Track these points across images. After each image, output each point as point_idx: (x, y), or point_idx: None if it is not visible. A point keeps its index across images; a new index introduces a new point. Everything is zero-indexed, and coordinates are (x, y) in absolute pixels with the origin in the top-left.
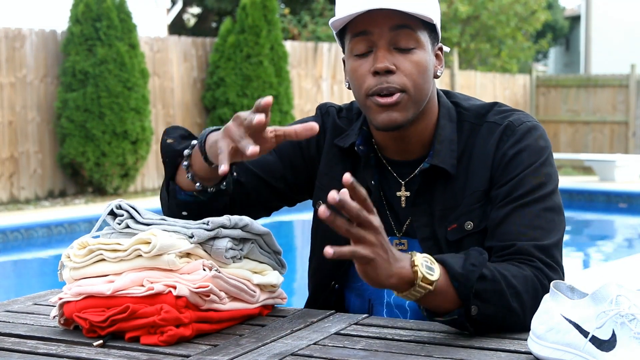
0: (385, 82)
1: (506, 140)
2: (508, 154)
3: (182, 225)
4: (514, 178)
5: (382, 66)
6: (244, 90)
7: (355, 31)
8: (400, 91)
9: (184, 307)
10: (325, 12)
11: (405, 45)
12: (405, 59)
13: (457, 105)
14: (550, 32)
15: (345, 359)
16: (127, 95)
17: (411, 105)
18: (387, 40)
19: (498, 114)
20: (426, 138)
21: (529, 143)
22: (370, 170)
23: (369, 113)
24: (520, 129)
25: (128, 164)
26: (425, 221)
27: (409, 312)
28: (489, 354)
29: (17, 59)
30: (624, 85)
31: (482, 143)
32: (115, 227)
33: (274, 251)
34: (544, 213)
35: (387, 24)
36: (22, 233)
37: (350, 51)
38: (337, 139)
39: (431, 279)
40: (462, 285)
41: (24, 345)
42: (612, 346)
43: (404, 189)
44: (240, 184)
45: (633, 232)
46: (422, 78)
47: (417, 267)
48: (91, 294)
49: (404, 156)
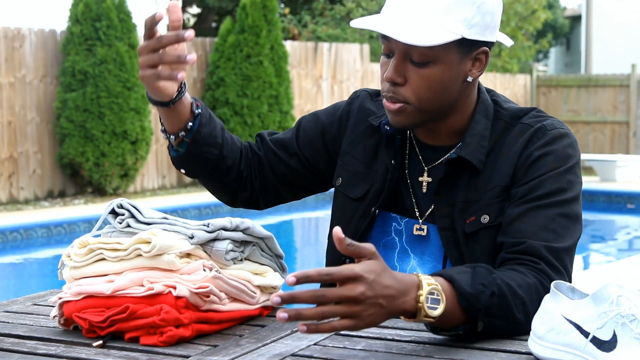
0: (391, 92)
1: (535, 142)
2: (534, 155)
3: (182, 225)
4: (535, 179)
5: (388, 77)
6: (244, 90)
7: (382, 34)
8: (404, 102)
9: (184, 308)
10: (325, 12)
11: (418, 60)
12: (417, 72)
13: (496, 103)
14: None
15: (345, 359)
16: (127, 95)
17: (416, 114)
18: (402, 52)
19: (534, 117)
20: (457, 129)
21: (556, 148)
22: (391, 150)
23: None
24: (551, 133)
25: (128, 164)
26: (446, 211)
27: None
28: (489, 354)
29: (17, 58)
30: (625, 85)
31: (511, 142)
32: (116, 226)
33: (276, 255)
34: (560, 218)
35: None
36: (22, 233)
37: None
38: (371, 117)
39: (433, 315)
40: (471, 305)
41: (23, 346)
42: (612, 347)
43: (426, 175)
44: (256, 155)
45: (634, 233)
46: (432, 92)
47: (421, 304)
48: (91, 294)
49: (433, 141)
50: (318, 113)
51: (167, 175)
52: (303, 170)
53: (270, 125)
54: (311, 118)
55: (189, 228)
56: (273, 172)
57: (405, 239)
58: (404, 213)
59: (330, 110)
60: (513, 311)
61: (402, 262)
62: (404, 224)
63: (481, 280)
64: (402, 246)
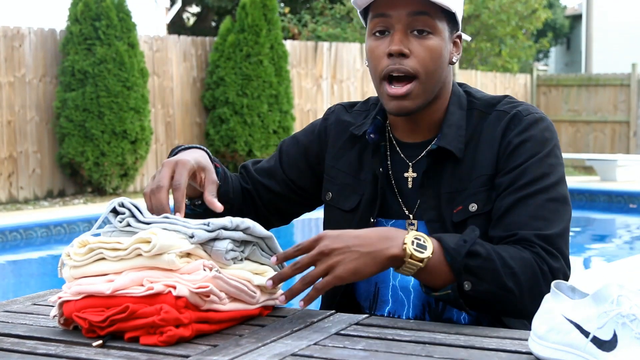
0: (398, 64)
1: (512, 129)
2: (513, 142)
3: (182, 225)
4: (518, 167)
5: (396, 48)
6: (244, 89)
7: (376, 12)
8: (412, 78)
9: (184, 308)
10: (325, 11)
11: (423, 28)
12: (420, 44)
13: (468, 94)
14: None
15: (345, 359)
16: (127, 94)
17: (421, 93)
18: (404, 24)
19: (507, 103)
20: (435, 121)
21: (534, 133)
22: (378, 157)
23: (381, 98)
24: (527, 119)
25: (127, 163)
26: (432, 203)
27: (412, 293)
28: (490, 354)
29: (16, 58)
30: (625, 84)
31: (489, 130)
32: (116, 225)
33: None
34: (548, 204)
35: (406, 9)
36: (21, 233)
37: (370, 30)
38: (352, 127)
39: (420, 257)
40: (454, 259)
41: (23, 346)
42: (613, 346)
43: (411, 170)
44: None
45: (634, 233)
46: (435, 64)
47: (406, 244)
48: (91, 293)
49: (413, 138)
50: (297, 135)
51: None
52: (290, 194)
53: (270, 124)
54: (291, 141)
55: (189, 227)
56: (262, 201)
57: None
58: (390, 215)
59: (308, 130)
60: (502, 277)
61: None
62: (390, 226)
63: (464, 237)
64: None
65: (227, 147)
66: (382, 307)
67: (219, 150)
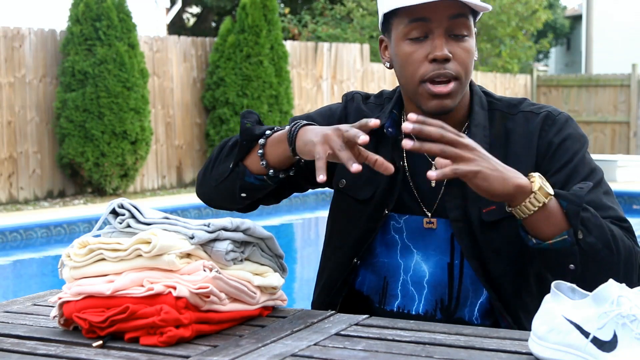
0: (442, 69)
1: (548, 130)
2: (554, 142)
3: (183, 226)
4: (565, 166)
5: (442, 54)
6: (244, 90)
7: (414, 16)
8: (454, 79)
9: (184, 308)
10: (325, 11)
11: (459, 33)
12: (459, 46)
13: (487, 95)
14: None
15: (345, 359)
16: (127, 95)
17: (460, 93)
18: (445, 28)
19: (531, 105)
20: (457, 120)
21: (571, 132)
22: (399, 151)
23: (419, 98)
24: (559, 118)
25: (127, 164)
26: (458, 202)
27: (426, 288)
28: (490, 354)
29: (16, 58)
30: (626, 85)
31: (520, 130)
32: (116, 226)
33: (276, 255)
34: (605, 196)
35: (446, 13)
36: (21, 233)
37: (404, 35)
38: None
39: (548, 191)
40: (572, 203)
41: (23, 346)
42: (613, 347)
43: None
44: None
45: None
46: (472, 64)
47: (535, 178)
48: (91, 294)
49: None
50: (311, 115)
51: (167, 175)
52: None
53: (271, 125)
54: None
55: (189, 228)
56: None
57: (406, 235)
58: (404, 210)
59: (325, 113)
60: (607, 235)
61: (405, 258)
62: (403, 222)
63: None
64: (404, 243)
65: None
66: (391, 301)
67: None
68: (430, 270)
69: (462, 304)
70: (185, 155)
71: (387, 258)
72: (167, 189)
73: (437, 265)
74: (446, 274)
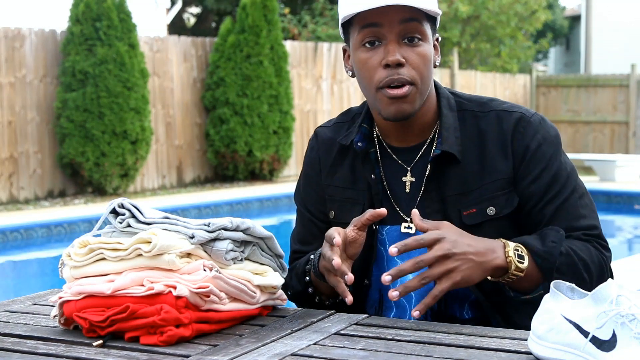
0: (396, 74)
1: (523, 132)
2: (531, 147)
3: (183, 225)
4: (543, 172)
5: (394, 59)
6: (244, 90)
7: (365, 22)
8: (409, 84)
9: (184, 308)
10: (325, 11)
11: (412, 38)
12: (413, 51)
13: (455, 95)
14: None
15: (345, 359)
16: (127, 95)
17: (418, 97)
18: (397, 33)
19: (501, 104)
20: (426, 124)
21: (545, 134)
22: (369, 165)
23: (378, 104)
24: (533, 120)
25: (128, 164)
26: (436, 207)
27: (413, 297)
28: (489, 354)
29: (17, 58)
30: (625, 85)
31: (493, 130)
32: (116, 225)
33: (276, 254)
34: (580, 201)
35: (397, 17)
36: (22, 233)
37: (359, 42)
38: (339, 138)
39: (522, 267)
40: (546, 261)
41: (23, 345)
42: (612, 346)
43: (410, 175)
44: None
45: (633, 233)
46: (427, 69)
47: (510, 258)
48: (91, 293)
49: (405, 142)
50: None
51: (167, 175)
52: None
53: (270, 125)
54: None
55: (189, 228)
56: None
57: (389, 246)
58: (384, 222)
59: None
60: (580, 270)
61: (391, 268)
62: (386, 233)
63: (551, 239)
64: (388, 255)
65: (227, 148)
66: (387, 313)
67: (219, 150)
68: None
69: (450, 304)
70: (185, 155)
71: (377, 271)
72: (167, 189)
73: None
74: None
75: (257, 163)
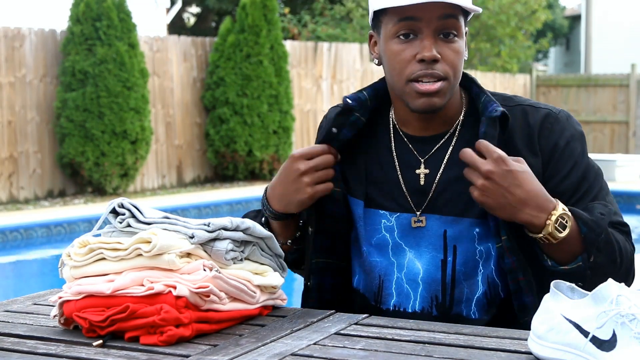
0: (430, 69)
1: (550, 128)
2: (560, 145)
3: (183, 225)
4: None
5: (430, 55)
6: (244, 89)
7: (404, 15)
8: (443, 79)
9: (184, 307)
10: (325, 11)
11: (451, 31)
12: (448, 47)
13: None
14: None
15: (345, 359)
16: (127, 95)
17: (449, 92)
18: (434, 29)
19: (526, 100)
20: (449, 116)
21: (573, 132)
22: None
23: (406, 97)
24: (560, 117)
25: (127, 163)
26: (455, 199)
27: (420, 285)
28: (489, 354)
29: (17, 58)
30: (625, 85)
31: (520, 124)
32: (116, 225)
33: (276, 254)
34: (608, 197)
35: (436, 13)
36: (22, 233)
37: (393, 33)
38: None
39: (558, 237)
40: (592, 231)
41: (23, 345)
42: (612, 346)
43: (423, 167)
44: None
45: (634, 233)
46: (461, 65)
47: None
48: (91, 293)
49: (426, 132)
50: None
51: (167, 175)
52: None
53: (270, 124)
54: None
55: (189, 227)
56: None
57: (397, 234)
58: (394, 209)
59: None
60: (615, 252)
61: (398, 256)
62: (394, 220)
63: (600, 210)
64: (395, 241)
65: (227, 147)
66: (387, 300)
67: (219, 150)
68: (424, 267)
69: (457, 300)
70: (185, 154)
71: (379, 257)
72: (167, 189)
73: (430, 263)
74: (439, 271)
75: (257, 163)
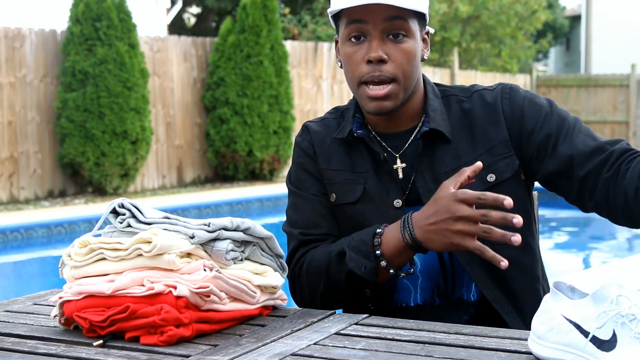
0: (377, 71)
1: (509, 97)
2: (525, 105)
3: (183, 225)
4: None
5: (376, 55)
6: (244, 90)
7: (351, 18)
8: (391, 80)
9: (184, 307)
10: (325, 11)
11: (397, 34)
12: (397, 48)
13: (438, 85)
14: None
15: (345, 359)
16: (127, 95)
17: (400, 93)
18: (381, 30)
19: (482, 86)
20: (415, 112)
21: (532, 94)
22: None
23: (360, 99)
24: (513, 87)
25: (128, 164)
26: (431, 187)
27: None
28: (489, 354)
29: (17, 58)
30: (625, 85)
31: (479, 107)
32: (117, 225)
33: (276, 254)
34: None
35: (381, 15)
36: (22, 233)
37: (346, 36)
38: (335, 132)
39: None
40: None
41: (23, 345)
42: (612, 346)
43: (399, 161)
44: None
45: (634, 233)
46: (411, 65)
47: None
48: (91, 293)
49: (394, 129)
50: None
51: (167, 175)
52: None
53: (271, 125)
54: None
55: (189, 227)
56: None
57: None
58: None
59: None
60: None
61: None
62: (382, 217)
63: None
64: None
65: (228, 147)
66: (387, 297)
67: (219, 150)
68: (421, 259)
69: (458, 285)
70: (185, 155)
71: None
72: (168, 189)
73: (427, 254)
74: (437, 259)
75: (257, 163)
